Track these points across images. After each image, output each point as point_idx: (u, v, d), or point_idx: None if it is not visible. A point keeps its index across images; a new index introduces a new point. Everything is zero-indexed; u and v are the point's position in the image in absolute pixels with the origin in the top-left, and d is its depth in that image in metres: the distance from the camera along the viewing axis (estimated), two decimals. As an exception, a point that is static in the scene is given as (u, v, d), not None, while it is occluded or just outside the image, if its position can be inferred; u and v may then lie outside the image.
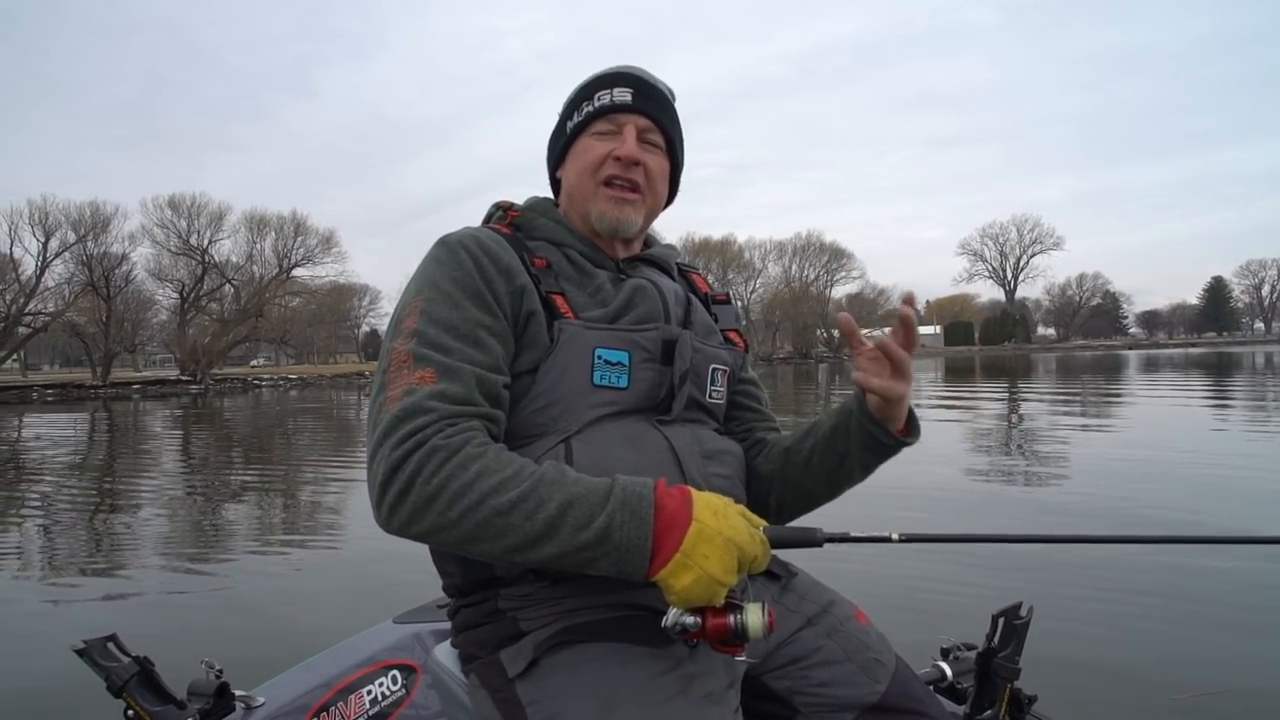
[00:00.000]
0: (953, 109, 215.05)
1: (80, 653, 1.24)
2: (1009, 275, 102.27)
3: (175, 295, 51.56)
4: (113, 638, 1.28)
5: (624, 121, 1.22)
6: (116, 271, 47.05)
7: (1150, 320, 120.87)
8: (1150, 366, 31.75)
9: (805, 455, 1.24)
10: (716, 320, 1.35)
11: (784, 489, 1.28)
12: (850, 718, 1.13)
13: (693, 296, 1.32)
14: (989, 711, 1.37)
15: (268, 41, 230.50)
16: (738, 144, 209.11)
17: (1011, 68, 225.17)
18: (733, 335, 1.36)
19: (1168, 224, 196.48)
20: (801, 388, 26.95)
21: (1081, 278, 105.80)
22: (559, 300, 1.15)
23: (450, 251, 1.12)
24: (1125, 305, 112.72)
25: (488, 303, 1.09)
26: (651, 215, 1.28)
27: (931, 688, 1.47)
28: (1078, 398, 16.97)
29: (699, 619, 0.95)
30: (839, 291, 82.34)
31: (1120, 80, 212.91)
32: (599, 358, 1.13)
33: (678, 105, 1.29)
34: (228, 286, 53.06)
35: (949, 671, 1.49)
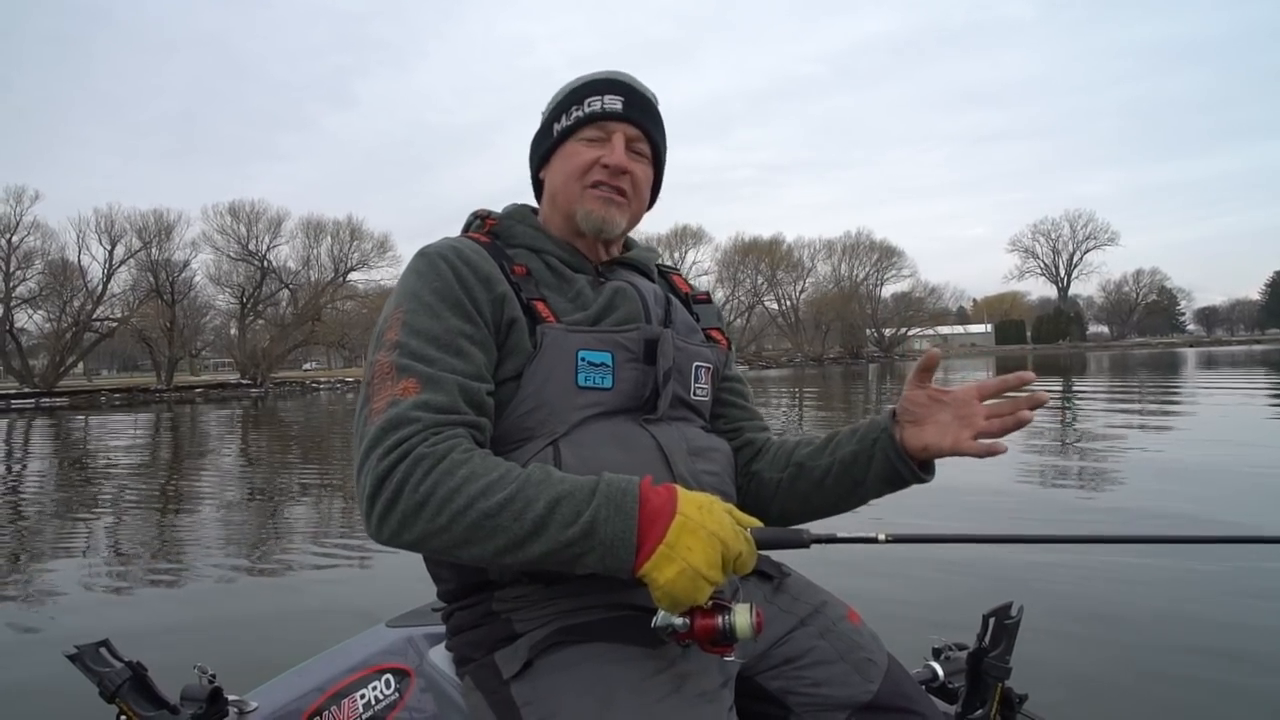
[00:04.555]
0: (994, 105, 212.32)
1: (72, 658, 1.25)
2: (1062, 272, 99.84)
3: (234, 300, 52.53)
4: (105, 643, 1.29)
5: (613, 129, 1.23)
6: (179, 277, 48.37)
7: (1209, 317, 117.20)
8: (1226, 364, 30.35)
9: (820, 475, 1.26)
10: (698, 320, 1.36)
11: (789, 500, 1.29)
12: (843, 717, 1.14)
13: (673, 297, 1.33)
14: (980, 711, 1.36)
15: (309, 53, 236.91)
16: (774, 145, 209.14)
17: (1053, 62, 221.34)
18: (714, 333, 1.37)
19: (1226, 217, 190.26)
20: (852, 387, 26.58)
21: (1138, 274, 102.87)
22: (540, 306, 1.17)
23: (430, 263, 1.14)
24: (1183, 302, 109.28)
25: (468, 312, 1.11)
26: (634, 220, 1.30)
27: (924, 687, 1.45)
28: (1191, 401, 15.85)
29: (688, 620, 0.96)
30: (888, 290, 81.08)
31: (1169, 71, 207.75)
32: (582, 359, 1.14)
33: (663, 111, 1.31)
34: (284, 291, 54.15)
35: (941, 671, 1.49)
